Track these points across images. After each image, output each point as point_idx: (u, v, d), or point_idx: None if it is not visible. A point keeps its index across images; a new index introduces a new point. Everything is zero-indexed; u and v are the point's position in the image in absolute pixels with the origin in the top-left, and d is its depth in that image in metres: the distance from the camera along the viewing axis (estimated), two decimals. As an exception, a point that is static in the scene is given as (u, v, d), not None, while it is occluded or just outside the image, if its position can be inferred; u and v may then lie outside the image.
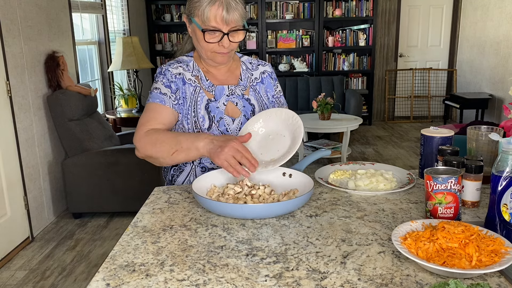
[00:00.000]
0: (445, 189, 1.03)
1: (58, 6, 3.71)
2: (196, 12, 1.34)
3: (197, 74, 1.47)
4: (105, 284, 0.87)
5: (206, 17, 1.32)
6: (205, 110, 1.44)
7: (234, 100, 1.48)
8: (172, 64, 1.47)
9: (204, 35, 1.35)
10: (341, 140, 4.93)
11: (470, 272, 0.82)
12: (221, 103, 1.46)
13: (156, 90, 1.42)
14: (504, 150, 0.98)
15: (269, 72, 1.59)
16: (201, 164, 1.46)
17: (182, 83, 1.44)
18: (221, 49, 1.38)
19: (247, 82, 1.53)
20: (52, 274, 2.74)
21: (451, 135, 1.33)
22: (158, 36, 6.64)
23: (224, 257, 0.95)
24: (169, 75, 1.44)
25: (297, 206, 1.16)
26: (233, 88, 1.49)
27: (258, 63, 1.60)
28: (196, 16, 1.35)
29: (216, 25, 1.33)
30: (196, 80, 1.46)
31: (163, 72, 1.44)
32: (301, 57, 6.78)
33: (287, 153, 1.28)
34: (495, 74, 5.83)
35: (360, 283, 0.84)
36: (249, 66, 1.57)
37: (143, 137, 1.37)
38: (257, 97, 1.53)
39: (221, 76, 1.50)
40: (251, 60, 1.59)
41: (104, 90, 4.87)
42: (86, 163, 3.41)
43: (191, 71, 1.47)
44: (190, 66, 1.48)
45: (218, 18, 1.32)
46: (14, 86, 3.06)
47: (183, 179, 1.50)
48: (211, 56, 1.42)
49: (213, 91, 1.47)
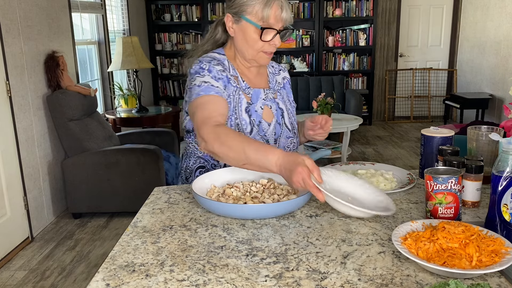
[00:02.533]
0: (445, 189, 1.03)
1: (58, 6, 3.70)
2: (250, 10, 1.33)
3: (235, 74, 1.44)
4: (105, 284, 0.86)
5: (266, 15, 1.32)
6: (246, 113, 1.41)
7: (268, 103, 1.47)
8: (211, 61, 1.39)
9: (262, 33, 1.34)
10: (341, 140, 4.92)
11: (470, 272, 0.82)
12: (258, 107, 1.44)
13: (206, 83, 1.35)
14: (504, 150, 0.98)
15: (288, 78, 1.61)
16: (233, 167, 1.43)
17: (227, 81, 1.39)
18: (271, 48, 1.38)
19: (276, 86, 1.54)
20: (52, 274, 2.74)
21: (451, 135, 1.33)
22: (158, 36, 6.63)
23: (224, 257, 0.95)
24: (215, 71, 1.37)
25: (297, 206, 1.16)
26: (267, 91, 1.49)
27: (279, 67, 1.60)
28: (250, 14, 1.34)
29: (274, 23, 1.34)
30: (235, 80, 1.42)
31: (208, 69, 1.37)
32: (301, 57, 6.77)
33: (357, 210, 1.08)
34: (495, 74, 5.83)
35: (360, 283, 0.84)
36: (272, 70, 1.57)
37: (211, 133, 1.24)
38: (282, 101, 1.53)
39: (254, 79, 1.48)
40: (273, 64, 1.59)
41: (104, 90, 4.86)
42: (86, 163, 3.41)
43: (228, 70, 1.42)
44: (226, 65, 1.43)
45: (277, 16, 1.33)
46: (14, 86, 3.06)
47: None
48: (256, 55, 1.39)
49: (250, 93, 1.44)
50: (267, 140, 1.44)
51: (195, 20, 6.53)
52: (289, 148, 1.48)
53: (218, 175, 1.33)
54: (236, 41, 1.41)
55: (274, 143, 1.45)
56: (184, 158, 1.57)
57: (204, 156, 1.48)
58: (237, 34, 1.40)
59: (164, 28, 6.70)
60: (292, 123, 1.53)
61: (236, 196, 1.21)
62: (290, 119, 1.52)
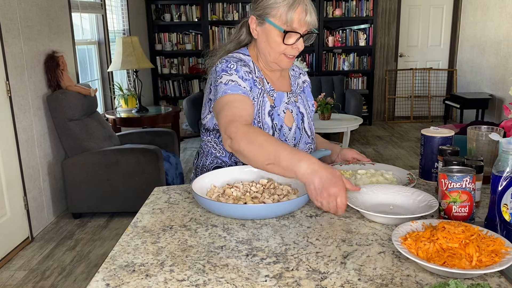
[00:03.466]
0: (460, 187, 1.02)
1: (58, 6, 3.70)
2: (274, 13, 1.32)
3: (260, 76, 1.42)
4: (105, 284, 0.86)
5: (290, 19, 1.31)
6: (269, 116, 1.39)
7: (290, 107, 1.45)
8: (237, 61, 1.37)
9: (285, 36, 1.33)
10: (341, 140, 4.92)
11: (470, 272, 0.82)
12: (281, 111, 1.42)
13: (233, 82, 1.32)
14: (504, 150, 0.98)
15: (308, 82, 1.60)
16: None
17: (253, 82, 1.37)
18: (293, 52, 1.36)
19: (296, 89, 1.52)
20: (52, 274, 2.74)
21: (451, 135, 1.33)
22: (158, 36, 6.63)
23: (224, 257, 0.95)
24: (242, 72, 1.35)
25: (297, 206, 1.16)
26: (290, 95, 1.47)
27: (299, 71, 1.59)
28: (274, 17, 1.32)
29: (297, 26, 1.32)
30: (260, 82, 1.40)
31: (236, 68, 1.35)
32: (301, 57, 6.77)
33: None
34: (495, 74, 5.83)
35: (360, 283, 0.84)
36: (293, 73, 1.56)
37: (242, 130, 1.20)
38: (304, 105, 1.52)
39: (277, 81, 1.47)
40: (293, 67, 1.58)
41: (104, 90, 4.86)
42: (86, 163, 3.41)
43: (254, 71, 1.40)
44: (251, 66, 1.41)
45: (302, 20, 1.31)
46: (14, 86, 3.06)
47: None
48: (278, 58, 1.38)
49: (273, 96, 1.42)
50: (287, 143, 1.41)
51: (195, 20, 6.53)
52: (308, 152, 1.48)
53: (218, 175, 1.33)
54: (259, 43, 1.40)
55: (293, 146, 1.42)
56: (200, 156, 1.54)
57: (221, 156, 1.46)
58: (261, 36, 1.38)
59: (164, 28, 6.70)
60: (311, 127, 1.52)
61: (236, 196, 1.21)
62: (309, 124, 1.51)
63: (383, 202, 1.19)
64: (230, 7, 6.54)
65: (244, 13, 6.56)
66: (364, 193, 1.21)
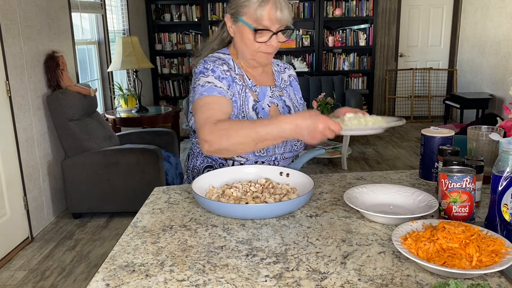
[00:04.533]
0: (460, 187, 1.02)
1: (57, 6, 3.70)
2: (246, 11, 1.33)
3: (240, 73, 1.44)
4: (104, 284, 0.86)
5: (259, 16, 1.31)
6: (253, 111, 1.41)
7: (275, 101, 1.47)
8: (215, 61, 1.40)
9: (256, 34, 1.34)
10: (341, 140, 4.92)
11: (470, 272, 0.82)
12: (265, 105, 1.44)
13: (209, 83, 1.34)
14: (505, 150, 0.98)
15: (294, 76, 1.61)
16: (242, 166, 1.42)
17: (232, 80, 1.39)
18: (268, 49, 1.37)
19: (282, 83, 1.54)
20: (52, 274, 2.74)
21: (451, 135, 1.33)
22: (158, 36, 6.63)
23: (224, 257, 0.95)
24: (219, 71, 1.37)
25: (297, 206, 1.16)
26: (274, 89, 1.49)
27: (284, 66, 1.61)
28: (245, 15, 1.33)
29: (268, 24, 1.32)
30: (240, 79, 1.43)
31: (212, 69, 1.37)
32: (301, 57, 6.77)
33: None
34: (495, 74, 5.83)
35: (360, 284, 0.84)
36: (277, 68, 1.57)
37: (214, 131, 1.23)
38: (289, 98, 1.53)
39: (259, 77, 1.48)
40: (278, 62, 1.59)
41: (103, 90, 4.86)
42: (86, 163, 3.41)
43: (233, 69, 1.43)
44: (231, 64, 1.44)
45: (272, 17, 1.31)
46: (14, 86, 3.06)
47: None
48: (255, 55, 1.39)
49: (256, 91, 1.44)
50: None
51: (195, 20, 6.53)
52: (296, 146, 1.48)
53: (216, 176, 1.33)
54: (235, 41, 1.42)
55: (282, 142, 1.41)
56: (191, 157, 1.56)
57: (211, 155, 1.47)
58: (236, 34, 1.40)
59: (164, 28, 6.70)
60: None
61: (236, 197, 1.21)
62: None
63: (383, 202, 1.19)
64: (230, 7, 6.53)
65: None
66: (364, 193, 1.21)
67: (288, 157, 1.48)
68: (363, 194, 1.21)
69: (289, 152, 1.47)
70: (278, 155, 1.45)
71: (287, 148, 1.46)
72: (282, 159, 1.47)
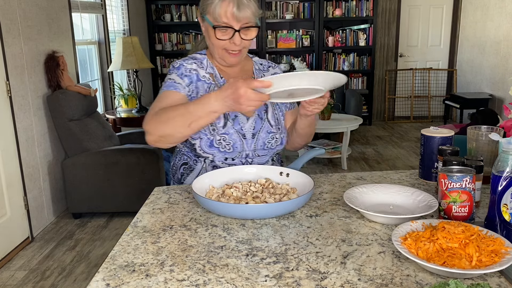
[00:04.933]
0: (460, 187, 1.02)
1: (58, 6, 3.70)
2: (208, 9, 1.35)
3: (212, 71, 1.47)
4: (105, 284, 0.87)
5: (217, 14, 1.33)
6: None
7: None
8: (186, 60, 1.47)
9: (215, 31, 1.35)
10: (341, 140, 4.93)
11: (470, 272, 0.82)
12: None
13: (171, 80, 1.42)
14: (504, 150, 0.98)
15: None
16: (214, 162, 1.45)
17: (197, 78, 1.44)
18: (232, 47, 1.38)
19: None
20: (52, 274, 2.74)
21: (451, 135, 1.33)
22: (158, 36, 6.63)
23: (224, 257, 0.95)
24: (183, 69, 1.44)
25: (297, 206, 1.16)
26: None
27: (268, 64, 1.60)
28: (208, 14, 1.36)
29: (227, 21, 1.33)
30: (210, 77, 1.46)
31: (178, 67, 1.44)
32: (301, 57, 6.77)
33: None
34: (495, 74, 5.83)
35: (360, 283, 0.84)
36: (260, 67, 1.58)
37: (152, 119, 1.31)
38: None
39: (235, 75, 1.49)
40: (261, 62, 1.60)
41: (104, 90, 4.86)
42: (86, 163, 3.41)
43: (205, 68, 1.47)
44: (204, 63, 1.47)
45: (228, 14, 1.32)
46: (14, 86, 3.06)
47: (193, 178, 1.47)
48: (222, 55, 1.41)
49: None
50: (244, 134, 1.44)
51: (195, 20, 6.53)
52: (270, 143, 1.48)
53: (217, 176, 1.33)
54: (206, 40, 1.46)
55: (251, 138, 1.44)
56: (174, 155, 1.60)
57: (186, 152, 1.50)
58: (205, 34, 1.44)
59: (164, 28, 6.70)
60: (278, 118, 1.51)
61: (236, 197, 1.21)
62: (276, 115, 1.51)
63: (383, 202, 1.19)
64: (230, 7, 6.53)
65: (244, 13, 6.56)
66: (364, 193, 1.21)
67: (262, 155, 1.48)
68: (363, 194, 1.21)
69: (263, 150, 1.47)
70: (249, 152, 1.45)
71: (259, 145, 1.46)
72: (255, 157, 1.47)
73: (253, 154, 1.46)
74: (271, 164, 1.51)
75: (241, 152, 1.44)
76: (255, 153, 1.46)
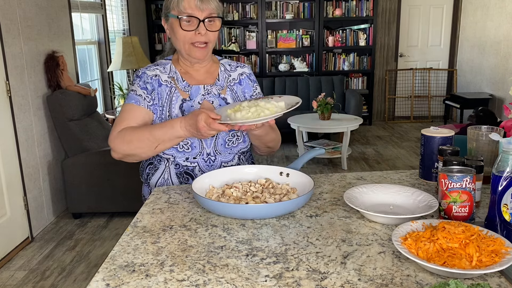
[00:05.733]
0: (460, 187, 1.02)
1: (57, 6, 3.70)
2: (172, 5, 1.41)
3: (174, 75, 1.51)
4: (104, 284, 0.86)
5: (182, 7, 1.38)
6: (179, 109, 1.47)
7: (210, 99, 1.50)
8: (149, 67, 1.52)
9: (180, 23, 1.39)
10: (341, 140, 4.92)
11: (470, 272, 0.82)
12: (196, 102, 1.48)
13: (132, 92, 1.48)
14: (505, 150, 0.98)
15: (247, 74, 1.62)
16: (175, 161, 1.47)
17: (158, 84, 1.48)
18: (198, 38, 1.41)
19: (225, 82, 1.55)
20: (52, 274, 2.74)
21: (451, 135, 1.33)
22: (158, 36, 6.63)
23: (224, 257, 0.95)
24: (145, 77, 1.48)
25: (297, 206, 1.16)
26: (209, 87, 1.52)
27: (236, 65, 1.63)
28: (173, 10, 1.41)
29: (191, 12, 1.38)
30: (172, 81, 1.49)
31: (140, 75, 1.49)
32: (301, 57, 6.77)
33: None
34: (495, 74, 5.83)
35: (361, 283, 0.84)
36: (227, 68, 1.60)
37: (117, 137, 1.41)
38: (234, 96, 1.55)
39: (199, 77, 1.53)
40: (230, 63, 1.62)
41: (103, 90, 4.86)
42: (86, 163, 3.41)
43: (168, 72, 1.51)
44: (167, 68, 1.52)
45: (192, 5, 1.38)
46: (14, 86, 3.06)
47: (157, 177, 1.51)
48: (188, 49, 1.44)
49: (189, 91, 1.49)
50: None
51: (195, 20, 6.52)
52: (232, 141, 1.50)
53: (217, 176, 1.33)
54: (172, 41, 1.50)
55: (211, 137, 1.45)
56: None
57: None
58: (170, 33, 1.48)
59: (164, 28, 6.68)
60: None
61: (236, 197, 1.21)
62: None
63: (383, 202, 1.19)
64: (230, 7, 6.54)
65: (244, 13, 6.56)
66: (364, 193, 1.21)
67: (223, 152, 1.49)
68: (363, 194, 1.21)
69: (224, 148, 1.48)
70: (210, 150, 1.47)
71: (219, 143, 1.48)
72: (217, 154, 1.48)
73: (214, 152, 1.48)
74: (237, 163, 1.52)
75: (201, 151, 1.46)
76: (216, 152, 1.48)
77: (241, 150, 1.53)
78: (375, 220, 1.10)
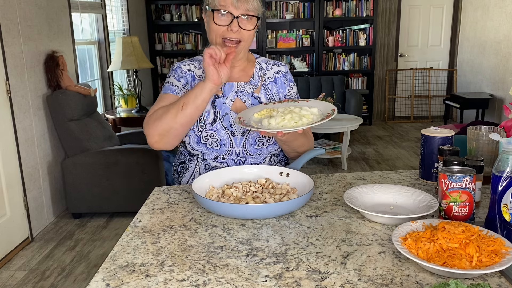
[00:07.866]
0: (460, 187, 1.02)
1: (57, 6, 3.70)
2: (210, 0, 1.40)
3: None
4: (104, 284, 0.86)
5: (217, 1, 1.36)
6: (211, 104, 1.46)
7: (242, 97, 1.49)
8: (184, 61, 1.54)
9: (214, 16, 1.37)
10: (341, 140, 4.92)
11: (470, 272, 0.82)
12: (228, 99, 1.47)
13: (168, 83, 1.48)
14: (505, 150, 0.98)
15: (283, 72, 1.59)
16: (205, 161, 1.48)
17: (192, 78, 1.49)
18: (230, 34, 1.38)
19: (259, 81, 1.54)
20: (52, 275, 2.74)
21: (451, 135, 1.33)
22: (158, 36, 6.63)
23: (224, 258, 0.95)
24: (179, 71, 1.50)
25: (298, 206, 1.16)
26: (242, 85, 1.50)
27: (273, 63, 1.60)
28: (210, 3, 1.40)
29: (224, 4, 1.36)
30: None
31: (175, 69, 1.52)
32: (301, 57, 6.78)
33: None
34: (496, 74, 5.83)
35: (361, 284, 0.84)
36: (263, 66, 1.58)
37: (149, 119, 1.37)
38: (268, 96, 1.53)
39: (234, 74, 1.50)
40: (267, 61, 1.60)
41: (103, 90, 4.86)
42: (86, 163, 3.41)
43: (203, 68, 1.49)
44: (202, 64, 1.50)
45: (228, 1, 1.35)
46: (14, 86, 3.06)
47: (189, 176, 1.52)
48: (220, 44, 1.40)
49: (222, 87, 1.48)
50: (233, 131, 1.46)
51: (195, 20, 6.53)
52: (262, 142, 1.49)
53: (217, 176, 1.33)
54: (207, 34, 1.48)
55: (241, 135, 1.46)
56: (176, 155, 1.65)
57: (183, 151, 1.54)
58: (206, 28, 1.47)
59: (164, 28, 6.70)
60: None
61: (236, 197, 1.21)
62: None
63: (383, 202, 1.19)
64: (230, 7, 6.53)
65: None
66: (364, 193, 1.21)
67: (254, 154, 1.48)
68: (363, 194, 1.21)
69: (254, 148, 1.47)
70: (240, 150, 1.46)
71: (249, 143, 1.46)
72: (247, 156, 1.47)
73: (243, 153, 1.47)
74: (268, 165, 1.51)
75: (230, 150, 1.45)
76: (245, 152, 1.47)
77: (271, 152, 1.51)
78: (375, 220, 1.10)
